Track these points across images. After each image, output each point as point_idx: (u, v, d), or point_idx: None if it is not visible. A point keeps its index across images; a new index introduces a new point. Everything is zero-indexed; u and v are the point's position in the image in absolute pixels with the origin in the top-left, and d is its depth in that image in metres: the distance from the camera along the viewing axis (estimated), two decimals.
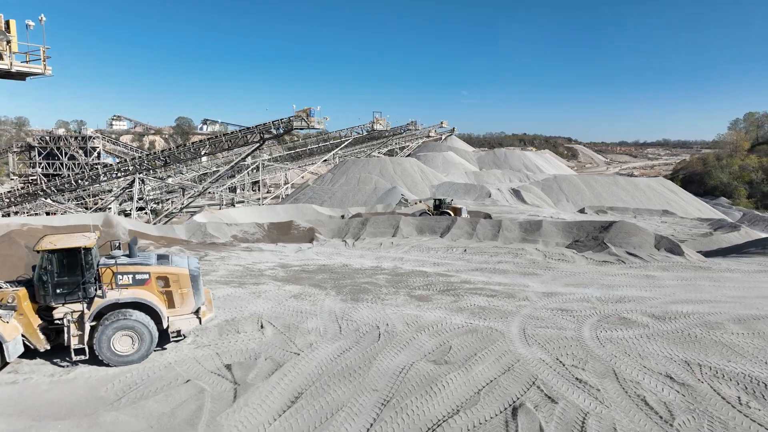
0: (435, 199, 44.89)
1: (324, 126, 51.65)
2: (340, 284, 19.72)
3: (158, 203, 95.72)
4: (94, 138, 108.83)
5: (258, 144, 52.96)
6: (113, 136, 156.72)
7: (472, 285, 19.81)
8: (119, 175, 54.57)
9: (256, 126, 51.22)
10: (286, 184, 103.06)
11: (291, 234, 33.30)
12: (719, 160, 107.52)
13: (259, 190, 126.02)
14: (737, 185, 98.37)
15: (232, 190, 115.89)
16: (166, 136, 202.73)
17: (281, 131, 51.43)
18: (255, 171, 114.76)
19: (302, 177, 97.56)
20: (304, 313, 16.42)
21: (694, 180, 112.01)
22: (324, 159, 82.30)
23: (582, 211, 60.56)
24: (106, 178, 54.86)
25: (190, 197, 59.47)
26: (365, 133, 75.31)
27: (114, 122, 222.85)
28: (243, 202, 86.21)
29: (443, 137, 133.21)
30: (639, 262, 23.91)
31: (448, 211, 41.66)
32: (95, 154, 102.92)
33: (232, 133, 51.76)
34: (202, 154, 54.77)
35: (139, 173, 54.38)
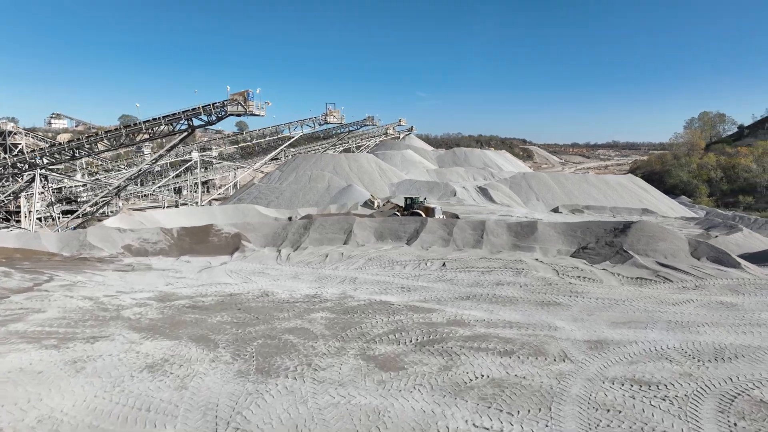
0: (406, 198, 37.11)
1: (265, 112, 43.06)
2: (246, 335, 11.32)
3: (93, 205, 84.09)
4: (15, 134, 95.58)
5: (186, 133, 43.55)
6: (50, 134, 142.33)
7: (467, 329, 11.82)
8: (12, 171, 44.01)
9: (183, 111, 41.87)
10: (234, 182, 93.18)
11: (209, 242, 24.50)
12: (677, 159, 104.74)
13: (208, 190, 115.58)
14: (697, 184, 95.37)
15: (178, 191, 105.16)
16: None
17: (214, 118, 42.28)
18: (203, 170, 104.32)
19: (254, 177, 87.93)
20: (156, 410, 7.99)
21: (653, 179, 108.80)
22: (270, 156, 72.99)
23: (555, 210, 54.10)
24: None
25: (103, 198, 49.28)
26: (317, 126, 66.75)
27: (53, 120, 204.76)
28: (186, 204, 76.05)
29: (401, 136, 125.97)
30: (689, 280, 16.59)
31: (420, 211, 33.85)
32: (16, 151, 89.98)
33: (154, 119, 42.40)
34: (119, 144, 44.87)
35: (40, 168, 44.01)
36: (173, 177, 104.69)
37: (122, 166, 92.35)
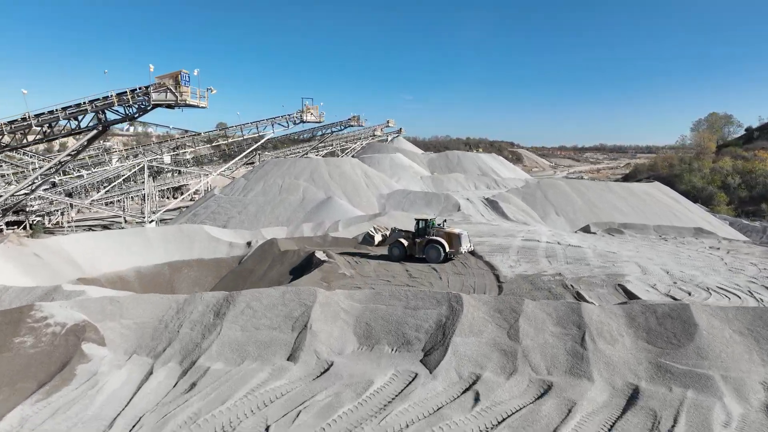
0: (417, 221, 24.75)
1: (207, 103, 30.14)
2: None
3: (43, 215, 70.08)
4: None
5: (96, 131, 30.35)
6: None
7: None
8: None
9: (91, 101, 28.64)
10: (202, 189, 79.87)
11: (18, 349, 11.43)
12: (689, 162, 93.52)
13: (181, 195, 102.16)
14: (714, 190, 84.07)
15: (144, 198, 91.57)
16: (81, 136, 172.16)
17: (134, 110, 29.15)
18: (177, 175, 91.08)
19: (215, 187, 74.68)
20: None
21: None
22: (233, 162, 59.77)
23: (586, 229, 41.76)
24: None
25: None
26: (291, 126, 53.80)
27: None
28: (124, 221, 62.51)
29: (389, 138, 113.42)
30: None
31: (440, 240, 21.48)
32: None
33: (50, 113, 29.09)
34: (2, 146, 31.49)
35: None
36: (143, 183, 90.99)
37: (83, 171, 78.40)
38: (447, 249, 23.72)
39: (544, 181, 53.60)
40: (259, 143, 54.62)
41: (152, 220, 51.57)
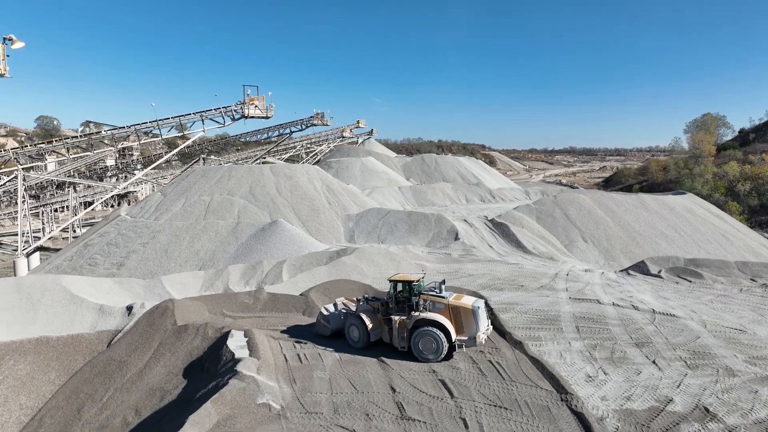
0: (394, 283, 10.25)
1: (5, 67, 14.99)
2: None
3: None
4: None
5: None
6: None
7: None
8: None
9: None
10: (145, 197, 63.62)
11: None
12: (688, 168, 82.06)
13: (129, 204, 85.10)
14: (722, 199, 72.45)
15: (88, 205, 74.40)
16: (23, 137, 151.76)
17: None
18: (122, 179, 74.13)
19: (121, 207, 58.50)
20: None
21: (657, 191, 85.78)
22: (138, 176, 43.64)
23: (643, 270, 27.90)
24: None
25: None
26: (229, 122, 38.36)
27: None
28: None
29: (360, 140, 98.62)
30: None
31: (438, 322, 9.19)
32: None
33: None
34: None
35: None
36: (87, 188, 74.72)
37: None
38: (453, 337, 12.54)
39: (562, 195, 39.73)
40: (183, 146, 38.86)
41: (28, 252, 35.30)
